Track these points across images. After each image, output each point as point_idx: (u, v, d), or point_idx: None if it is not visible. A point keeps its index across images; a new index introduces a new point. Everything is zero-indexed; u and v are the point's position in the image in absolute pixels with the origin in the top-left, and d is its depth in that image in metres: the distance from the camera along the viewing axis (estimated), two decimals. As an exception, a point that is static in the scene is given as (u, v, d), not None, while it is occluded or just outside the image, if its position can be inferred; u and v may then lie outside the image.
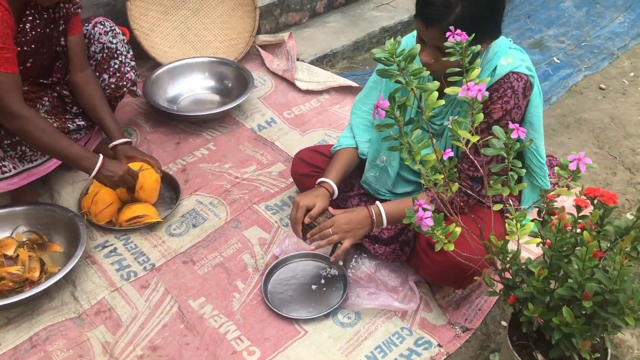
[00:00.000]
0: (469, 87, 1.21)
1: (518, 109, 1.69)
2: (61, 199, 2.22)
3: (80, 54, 2.11)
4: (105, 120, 2.13)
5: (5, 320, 1.81)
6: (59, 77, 2.10)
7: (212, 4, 3.14)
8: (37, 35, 1.92)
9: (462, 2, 1.52)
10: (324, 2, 3.44)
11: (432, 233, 1.18)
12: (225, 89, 2.83)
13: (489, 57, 1.69)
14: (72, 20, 2.04)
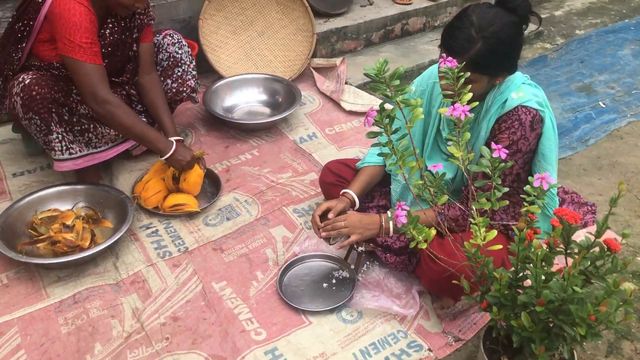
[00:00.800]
0: (455, 108, 1.38)
1: (525, 140, 1.82)
2: (118, 183, 2.52)
3: (149, 59, 2.43)
4: (163, 119, 2.43)
5: (57, 278, 2.10)
6: (128, 77, 2.43)
7: (276, 28, 3.44)
8: (114, 40, 2.25)
9: (483, 39, 1.69)
10: (379, 34, 3.67)
11: (406, 230, 1.35)
12: (276, 103, 3.09)
13: (501, 89, 1.85)
14: (145, 30, 2.37)
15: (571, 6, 4.52)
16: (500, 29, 1.70)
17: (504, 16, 1.72)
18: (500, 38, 1.70)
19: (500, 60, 1.74)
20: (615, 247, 1.29)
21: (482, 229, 1.32)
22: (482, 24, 1.69)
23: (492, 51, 1.69)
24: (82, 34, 2.04)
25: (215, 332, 1.93)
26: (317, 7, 3.52)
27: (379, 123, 1.34)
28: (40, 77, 2.12)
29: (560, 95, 3.37)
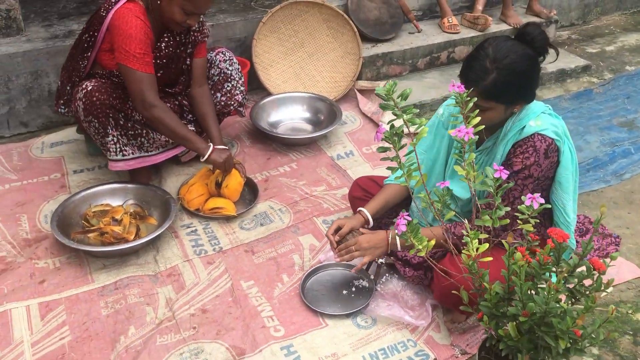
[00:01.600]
0: (460, 130, 1.51)
1: (538, 166, 1.91)
2: (166, 185, 2.75)
3: (201, 73, 2.66)
4: (211, 129, 2.64)
5: (102, 265, 2.33)
6: (180, 89, 2.67)
7: (326, 50, 3.64)
8: (169, 53, 2.50)
9: (497, 70, 1.81)
10: (425, 60, 3.80)
11: (406, 237, 1.48)
12: (318, 121, 3.27)
13: (520, 117, 1.94)
14: (199, 46, 2.60)
15: (624, 42, 4.51)
16: (513, 60, 1.81)
17: (519, 49, 1.83)
18: (513, 69, 1.81)
19: (514, 91, 1.85)
20: (600, 267, 1.37)
21: (474, 242, 1.43)
22: (497, 56, 1.81)
23: (505, 82, 1.81)
24: (136, 45, 2.29)
25: (238, 326, 2.10)
26: (366, 32, 3.70)
27: (388, 139, 1.48)
28: (101, 85, 2.38)
29: (600, 129, 3.39)
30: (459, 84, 1.55)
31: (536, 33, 1.85)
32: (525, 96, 1.93)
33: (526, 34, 1.86)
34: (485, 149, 2.04)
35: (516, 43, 1.86)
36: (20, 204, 2.63)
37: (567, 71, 3.93)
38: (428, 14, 4.08)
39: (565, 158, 1.98)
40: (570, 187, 2.03)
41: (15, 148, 3.03)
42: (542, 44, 1.87)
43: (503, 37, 1.89)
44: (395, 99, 1.44)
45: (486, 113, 1.89)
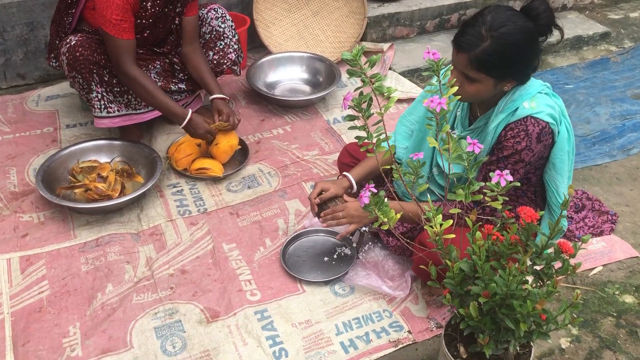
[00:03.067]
0: (433, 100, 1.43)
1: (529, 151, 1.81)
2: (156, 144, 2.73)
3: (192, 31, 2.58)
4: (208, 81, 2.58)
5: (86, 222, 2.33)
6: (169, 49, 2.60)
7: (331, 9, 3.52)
8: (156, 12, 2.42)
9: (491, 38, 1.70)
10: (434, 22, 3.66)
11: (370, 210, 1.43)
12: (317, 82, 3.19)
13: (513, 98, 1.83)
14: (189, 4, 2.52)
15: (651, 8, 4.29)
16: (510, 31, 1.69)
17: (520, 21, 1.71)
18: (508, 40, 1.69)
19: (506, 63, 1.74)
20: (568, 250, 1.31)
21: (437, 218, 1.37)
22: (494, 24, 1.70)
23: (498, 52, 1.70)
24: (112, 10, 2.23)
25: (215, 288, 2.09)
26: (373, -9, 3.56)
27: (355, 107, 1.42)
28: (85, 40, 2.33)
29: (612, 101, 3.24)
30: (434, 51, 1.47)
31: (542, 9, 1.71)
32: (517, 73, 1.80)
33: (532, 8, 1.73)
34: (477, 128, 1.96)
35: (519, 14, 1.74)
36: (11, 157, 2.64)
37: (584, 38, 3.75)
38: (441, -27, 3.90)
39: (561, 139, 1.88)
40: (564, 168, 1.93)
41: (10, 100, 3.02)
42: (547, 22, 1.73)
43: (506, 7, 1.77)
44: (362, 64, 1.37)
45: (473, 85, 1.80)
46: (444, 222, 1.39)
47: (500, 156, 1.84)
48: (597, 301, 2.07)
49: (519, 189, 2.03)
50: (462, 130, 2.02)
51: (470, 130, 1.99)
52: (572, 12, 4.04)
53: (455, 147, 1.48)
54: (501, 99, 1.87)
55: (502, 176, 1.34)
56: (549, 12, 1.73)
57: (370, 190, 1.45)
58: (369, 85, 1.39)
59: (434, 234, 1.42)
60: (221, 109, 2.55)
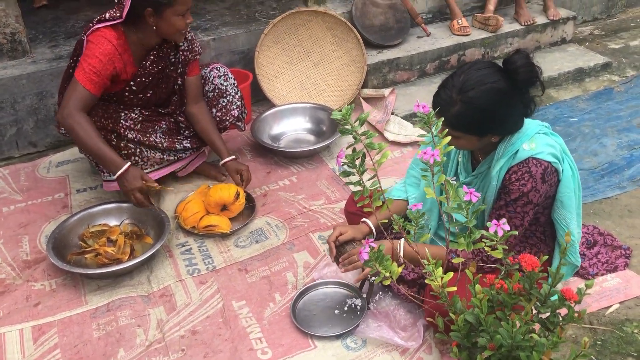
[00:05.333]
0: (426, 152, 1.44)
1: (536, 192, 1.80)
2: (164, 203, 2.76)
3: (196, 91, 2.65)
4: (216, 142, 2.65)
5: (97, 287, 2.34)
6: (173, 109, 2.67)
7: (331, 59, 3.59)
8: (157, 72, 2.49)
9: (461, 102, 1.74)
10: (434, 65, 3.71)
11: (370, 265, 1.42)
12: (321, 132, 3.23)
13: (512, 141, 1.84)
14: (191, 65, 2.59)
15: (651, 35, 4.31)
16: (479, 94, 1.72)
17: (490, 81, 1.73)
18: (476, 104, 1.72)
19: (479, 124, 1.76)
20: (572, 297, 1.29)
21: (438, 271, 1.36)
22: (464, 87, 1.73)
23: (468, 115, 1.73)
24: (90, 62, 2.30)
25: (226, 348, 2.07)
26: (371, 39, 3.63)
27: (348, 163, 1.43)
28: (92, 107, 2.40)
29: (618, 131, 3.23)
30: (423, 104, 1.49)
31: (520, 63, 1.73)
32: (497, 129, 1.82)
33: (510, 62, 1.75)
34: (480, 173, 1.96)
35: (493, 73, 1.76)
36: (23, 225, 2.69)
37: (585, 70, 3.77)
38: (438, 16, 3.98)
39: (565, 177, 1.88)
40: (572, 205, 1.92)
41: (23, 168, 3.09)
42: (527, 77, 1.74)
43: (483, 63, 1.80)
44: (352, 122, 1.39)
45: (458, 141, 1.82)
46: (445, 274, 1.37)
47: (508, 200, 1.83)
48: (615, 341, 2.01)
49: (528, 229, 2.02)
50: (466, 175, 2.02)
51: (474, 175, 1.99)
52: (571, 44, 4.06)
53: (455, 196, 1.48)
54: (500, 143, 1.88)
55: (499, 225, 1.33)
56: (528, 67, 1.74)
57: (370, 245, 1.45)
58: (361, 142, 1.41)
59: (438, 286, 1.41)
60: (239, 168, 2.63)
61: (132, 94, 2.51)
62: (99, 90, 2.38)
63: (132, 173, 2.35)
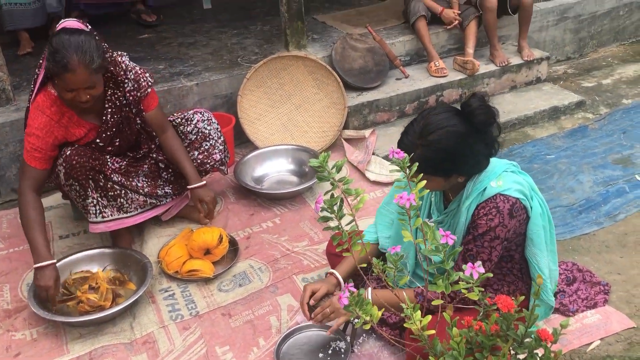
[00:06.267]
0: (402, 196, 1.48)
1: (503, 227, 1.85)
2: (147, 248, 2.76)
3: (158, 123, 2.63)
4: (185, 167, 2.62)
5: (79, 334, 2.32)
6: (147, 147, 2.68)
7: (312, 101, 3.66)
8: (117, 120, 2.50)
9: (422, 146, 1.81)
10: (413, 105, 3.79)
11: (351, 310, 1.44)
12: (303, 173, 3.27)
13: (480, 179, 1.91)
14: (145, 101, 2.56)
15: (622, 74, 4.44)
16: (439, 138, 1.79)
17: (449, 124, 1.80)
18: (437, 147, 1.79)
19: (442, 166, 1.82)
20: (547, 337, 1.31)
21: (416, 315, 1.38)
22: (424, 131, 1.81)
23: (430, 158, 1.79)
24: (30, 139, 2.36)
25: (210, 395, 2.06)
26: (351, 82, 3.71)
27: (327, 209, 1.46)
28: (79, 148, 2.44)
29: (594, 168, 3.30)
30: (397, 150, 1.53)
31: (476, 105, 1.80)
32: (462, 170, 1.88)
33: (467, 105, 1.82)
34: (451, 211, 2.01)
35: (452, 116, 1.83)
36: (4, 273, 2.67)
37: (560, 108, 3.87)
38: (416, 58, 4.09)
39: (535, 214, 1.93)
40: (542, 242, 1.97)
41: (5, 215, 3.08)
42: (483, 118, 1.81)
43: (442, 108, 1.88)
44: (329, 169, 1.42)
45: (426, 183, 1.87)
46: (424, 317, 1.39)
47: (476, 234, 1.88)
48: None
49: (504, 266, 2.05)
50: (439, 214, 2.07)
51: (445, 213, 2.04)
52: (546, 83, 4.18)
53: (432, 239, 1.52)
54: (468, 182, 1.93)
55: (474, 268, 1.36)
56: (484, 109, 1.81)
57: (350, 290, 1.46)
58: (338, 188, 1.44)
59: (417, 329, 1.43)
60: (202, 197, 2.59)
61: (99, 148, 2.52)
62: (46, 163, 2.41)
63: (49, 273, 2.29)
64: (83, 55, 2.19)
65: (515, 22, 4.21)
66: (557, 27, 4.56)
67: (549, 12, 4.47)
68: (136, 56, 3.90)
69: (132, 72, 2.51)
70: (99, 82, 2.32)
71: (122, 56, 2.52)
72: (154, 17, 4.47)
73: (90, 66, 2.21)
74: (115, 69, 2.45)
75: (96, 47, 2.25)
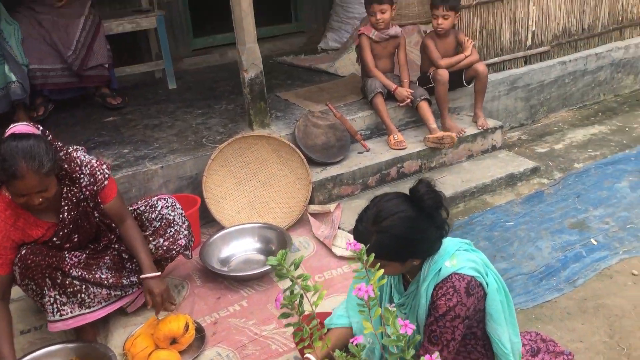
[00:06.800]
0: (360, 288, 1.52)
1: (462, 305, 1.90)
2: (112, 339, 2.71)
3: (117, 214, 2.62)
4: (140, 257, 2.60)
5: None
6: (107, 239, 2.67)
7: (278, 177, 3.73)
8: (74, 217, 2.50)
9: (376, 232, 1.88)
10: (376, 177, 3.89)
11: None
12: (270, 251, 3.29)
13: (435, 259, 1.97)
14: (102, 193, 2.55)
15: (572, 139, 4.66)
16: (392, 223, 1.86)
17: (400, 210, 1.88)
18: (391, 233, 1.86)
19: (397, 251, 1.88)
20: None
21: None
22: (377, 218, 1.88)
23: (385, 244, 1.86)
24: None
25: None
26: (315, 157, 3.81)
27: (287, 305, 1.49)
28: (34, 247, 2.43)
29: (551, 233, 3.42)
30: (354, 242, 1.59)
31: (423, 191, 1.89)
32: (417, 254, 1.94)
33: (415, 191, 1.91)
34: (411, 292, 2.06)
35: (400, 202, 1.91)
36: (-37, 375, 2.57)
37: (516, 175, 4.02)
38: (376, 132, 4.23)
39: (491, 290, 1.99)
40: (501, 317, 2.02)
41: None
42: (431, 203, 1.89)
43: (392, 194, 1.96)
44: (288, 267, 1.46)
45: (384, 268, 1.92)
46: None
47: (437, 316, 1.92)
48: None
49: (469, 343, 2.09)
50: (399, 297, 2.11)
51: (406, 295, 2.08)
52: (502, 150, 4.36)
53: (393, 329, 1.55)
54: (423, 264, 1.99)
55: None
56: (431, 194, 1.89)
57: None
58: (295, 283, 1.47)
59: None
60: (152, 289, 2.55)
61: (56, 247, 2.51)
62: (7, 267, 2.40)
63: None
64: (32, 161, 2.18)
65: (468, 93, 4.43)
66: (509, 96, 4.79)
67: (500, 82, 4.71)
68: (101, 140, 3.95)
69: (87, 166, 2.50)
70: (52, 184, 2.31)
71: (77, 151, 2.54)
72: (119, 99, 4.55)
73: (40, 171, 2.21)
74: (70, 166, 2.45)
75: (46, 150, 2.24)
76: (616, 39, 5.41)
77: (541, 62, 4.97)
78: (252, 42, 3.68)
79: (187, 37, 5.88)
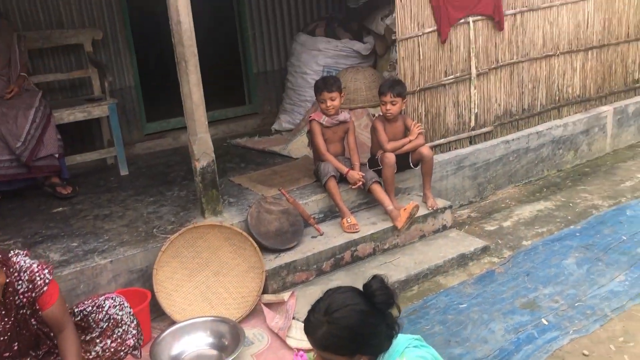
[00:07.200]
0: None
1: None
2: None
3: (56, 322, 2.50)
4: None
5: None
6: (47, 347, 2.56)
7: (230, 266, 3.69)
8: (13, 325, 2.40)
9: (327, 323, 1.88)
10: (330, 262, 3.90)
11: None
12: (223, 346, 3.20)
13: (385, 357, 1.97)
14: (40, 300, 2.45)
15: (520, 215, 4.81)
16: (343, 315, 1.88)
17: (353, 303, 1.90)
18: (341, 324, 1.87)
19: (346, 344, 1.89)
20: None
21: None
22: (329, 309, 1.90)
23: (335, 335, 1.87)
24: None
25: None
26: (267, 244, 3.81)
27: None
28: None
29: (503, 314, 3.46)
30: (302, 353, 1.58)
31: (375, 287, 1.92)
32: (365, 349, 1.93)
33: (367, 286, 1.94)
34: None
35: (353, 296, 1.93)
36: None
37: (467, 255, 4.10)
38: (329, 215, 4.28)
39: None
40: None
41: None
42: (383, 299, 1.91)
43: (345, 288, 1.98)
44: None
45: None
46: None
47: None
48: None
49: None
50: None
51: None
52: (452, 230, 4.45)
53: None
54: None
55: None
56: (383, 290, 1.92)
57: None
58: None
59: None
60: None
61: None
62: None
63: None
64: None
65: (417, 174, 4.56)
66: (456, 175, 4.95)
67: (447, 162, 4.87)
68: (49, 233, 3.86)
69: (26, 272, 2.41)
70: None
71: (18, 255, 2.46)
72: (69, 189, 4.49)
73: None
74: (7, 272, 2.37)
75: None
76: (555, 117, 5.72)
77: (485, 141, 5.19)
78: (204, 132, 3.74)
79: (140, 121, 5.92)
